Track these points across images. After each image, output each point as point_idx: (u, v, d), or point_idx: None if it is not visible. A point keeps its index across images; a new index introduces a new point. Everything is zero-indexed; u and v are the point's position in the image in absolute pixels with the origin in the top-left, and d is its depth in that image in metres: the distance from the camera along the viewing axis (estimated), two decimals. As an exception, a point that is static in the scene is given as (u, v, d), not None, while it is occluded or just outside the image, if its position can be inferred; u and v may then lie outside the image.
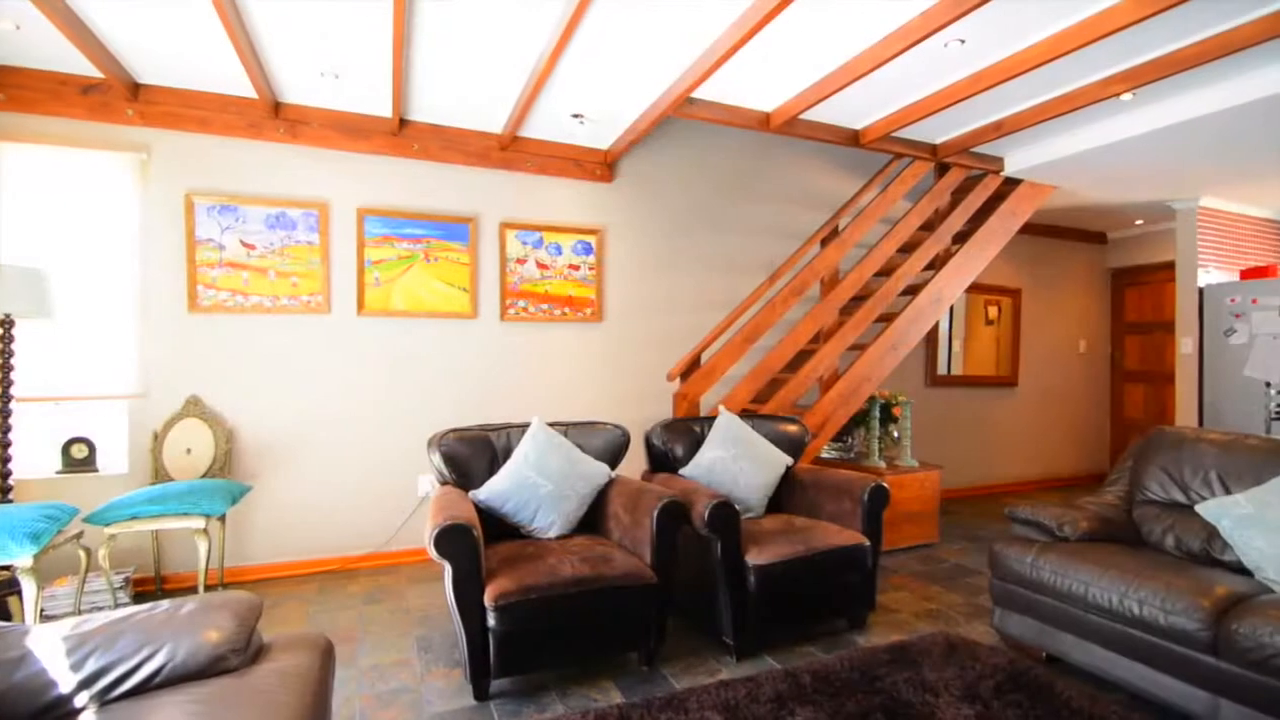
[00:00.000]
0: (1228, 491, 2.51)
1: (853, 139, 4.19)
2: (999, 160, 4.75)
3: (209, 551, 2.91)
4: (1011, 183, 4.88)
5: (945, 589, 3.48)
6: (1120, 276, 6.91)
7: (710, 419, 3.34)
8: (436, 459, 2.81)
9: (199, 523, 2.86)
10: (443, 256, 3.97)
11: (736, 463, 3.10)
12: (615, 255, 4.42)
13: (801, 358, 4.37)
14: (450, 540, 2.19)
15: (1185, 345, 5.50)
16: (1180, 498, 2.66)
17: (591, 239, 4.32)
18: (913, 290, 4.56)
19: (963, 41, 3.03)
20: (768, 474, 3.16)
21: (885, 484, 2.95)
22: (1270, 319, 5.09)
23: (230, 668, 1.38)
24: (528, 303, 4.17)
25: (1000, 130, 4.03)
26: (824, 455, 4.56)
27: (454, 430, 2.88)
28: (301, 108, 3.67)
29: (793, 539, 2.70)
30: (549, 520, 2.72)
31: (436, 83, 3.40)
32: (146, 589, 3.36)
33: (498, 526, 2.74)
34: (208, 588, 3.00)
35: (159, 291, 3.44)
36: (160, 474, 3.34)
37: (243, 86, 3.41)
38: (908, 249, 4.72)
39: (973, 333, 5.99)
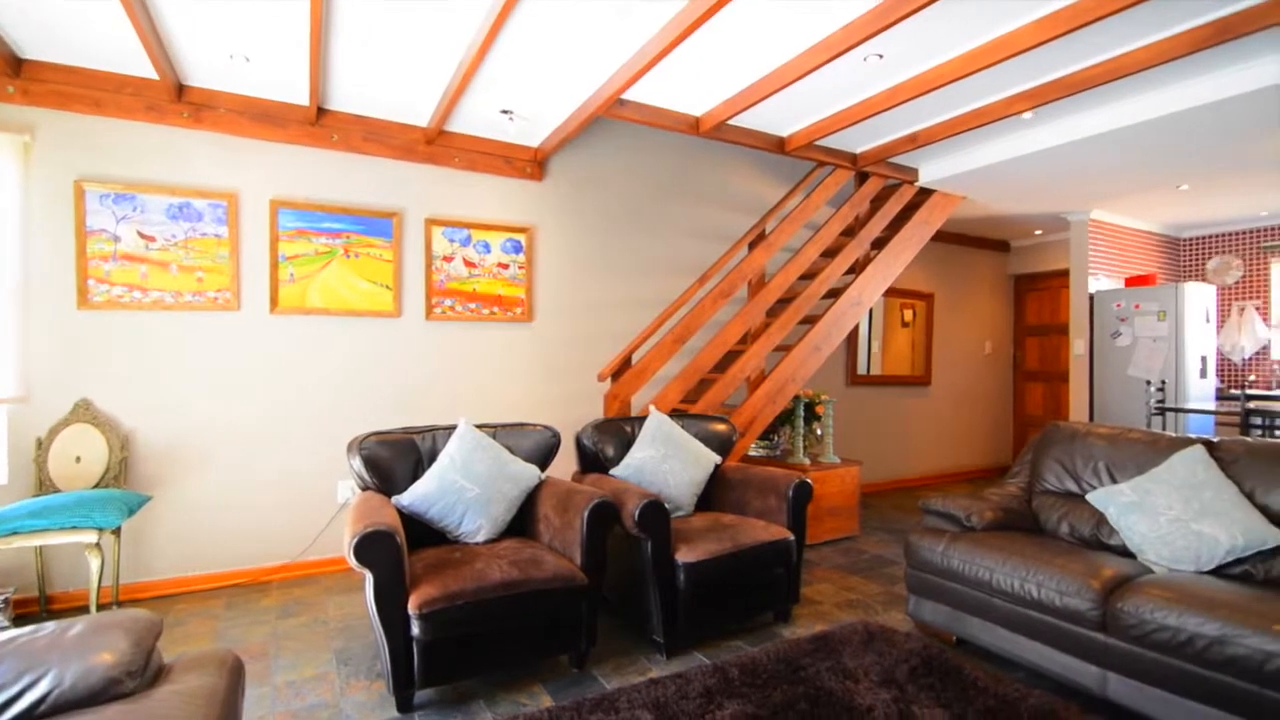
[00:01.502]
0: (1114, 481, 2.73)
1: (778, 146, 4.31)
2: (914, 171, 5.00)
3: (102, 568, 2.68)
4: (925, 192, 5.15)
5: (865, 579, 3.63)
6: (1021, 282, 7.41)
7: (641, 419, 3.35)
8: (357, 463, 2.70)
9: (90, 537, 2.63)
10: (364, 252, 3.82)
11: (666, 462, 3.12)
12: (546, 254, 4.37)
13: (730, 358, 4.45)
14: (371, 547, 2.11)
15: (1078, 347, 5.95)
16: (1073, 487, 2.88)
17: (521, 237, 4.26)
18: (835, 293, 4.73)
19: (881, 56, 3.17)
20: (697, 473, 3.20)
21: (809, 480, 3.05)
22: (1150, 323, 5.59)
23: (126, 692, 1.28)
24: (455, 301, 4.07)
25: (915, 142, 4.24)
26: (752, 453, 4.67)
27: (376, 433, 2.78)
28: (208, 91, 3.44)
29: (721, 536, 2.75)
30: (476, 524, 2.66)
31: (358, 71, 3.27)
32: (29, 611, 3.08)
33: (423, 532, 2.66)
34: (100, 607, 2.77)
35: (44, 286, 3.15)
36: (45, 485, 3.06)
37: (142, 66, 3.17)
38: (830, 253, 4.90)
39: (890, 334, 6.28)
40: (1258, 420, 4.40)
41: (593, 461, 3.22)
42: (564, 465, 3.80)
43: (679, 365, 4.54)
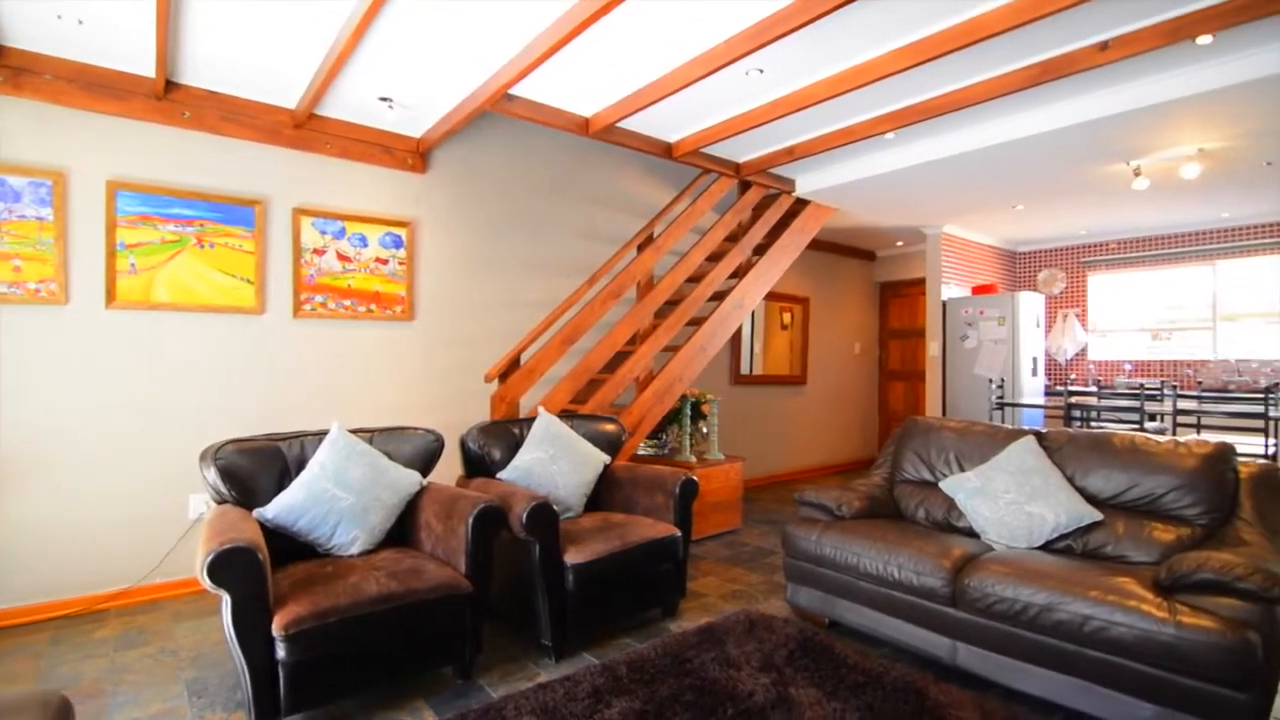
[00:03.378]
0: (962, 469, 3.02)
1: (666, 151, 4.40)
2: (792, 182, 5.29)
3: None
4: (802, 203, 5.46)
5: (747, 570, 3.78)
6: (886, 289, 8.04)
7: (530, 420, 3.30)
8: (212, 475, 2.46)
9: None
10: (221, 243, 3.49)
11: (555, 463, 3.10)
12: (429, 250, 4.20)
13: (619, 358, 4.49)
14: (228, 566, 1.92)
15: (933, 348, 6.55)
16: (929, 476, 3.15)
17: (402, 232, 4.07)
18: (719, 296, 4.90)
19: (761, 71, 3.33)
20: (587, 473, 3.20)
21: (695, 477, 3.14)
22: (992, 328, 6.24)
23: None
24: (328, 298, 3.81)
25: (793, 155, 4.48)
26: (640, 452, 4.73)
27: (234, 441, 2.54)
28: (32, 55, 3.01)
29: (610, 535, 2.76)
30: (351, 535, 2.50)
31: (215, 43, 2.98)
32: None
33: (290, 546, 2.46)
34: (-122, 653, 2.34)
35: None
36: None
37: (-64, 18, 2.72)
38: (715, 258, 5.07)
39: (770, 336, 6.60)
40: (1077, 413, 5.04)
41: (479, 465, 3.13)
42: (449, 470, 3.66)
43: (568, 366, 4.51)
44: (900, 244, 7.43)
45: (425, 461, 2.89)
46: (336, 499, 2.48)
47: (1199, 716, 1.87)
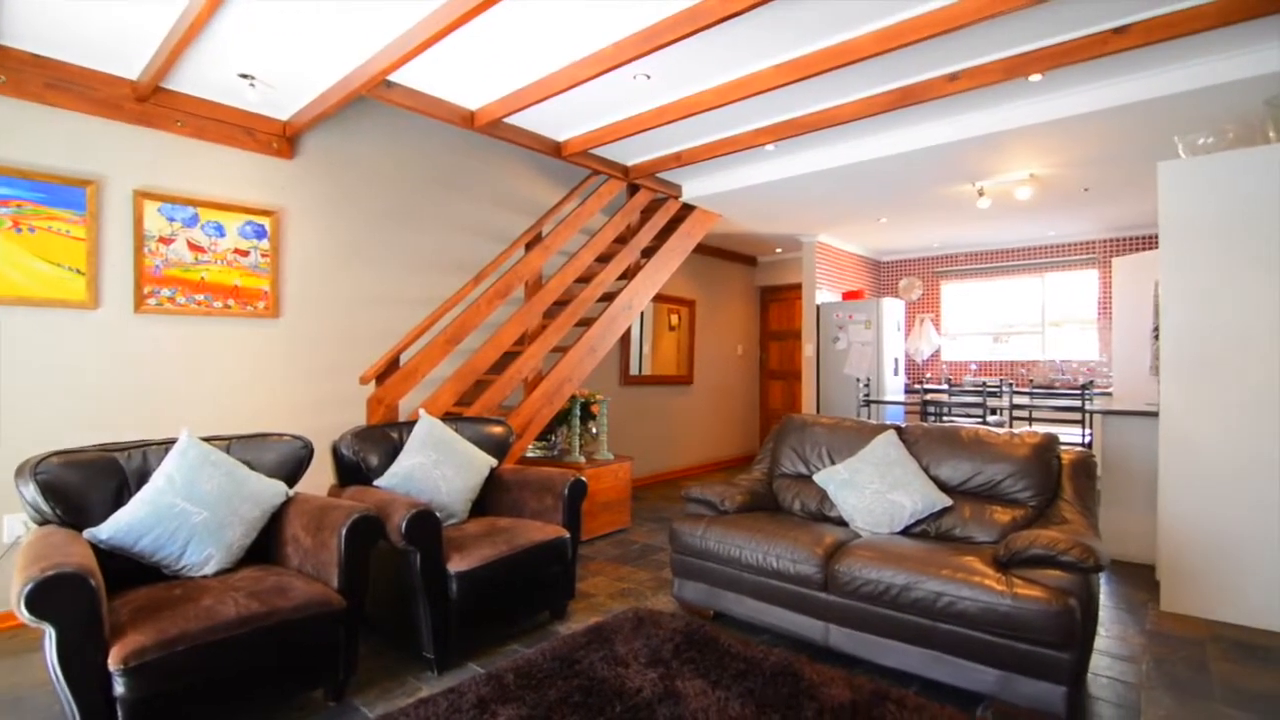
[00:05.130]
0: (834, 463, 3.22)
1: (555, 150, 4.36)
2: (679, 187, 5.42)
3: None
4: (688, 208, 5.61)
5: (636, 568, 3.83)
6: (766, 293, 8.44)
7: (410, 424, 3.16)
8: (31, 491, 2.14)
9: None
10: (44, 227, 3.05)
11: (438, 468, 2.98)
12: (297, 242, 3.90)
13: (507, 359, 4.40)
14: (51, 595, 1.68)
15: (808, 350, 6.95)
16: (804, 470, 3.34)
17: (265, 221, 3.75)
18: (609, 297, 4.92)
19: (649, 76, 3.38)
20: (472, 477, 3.10)
21: (584, 478, 3.13)
22: (860, 331, 6.72)
23: None
24: (177, 291, 3.44)
25: (680, 161, 4.59)
26: (529, 454, 4.66)
27: (58, 453, 2.23)
28: None
29: (496, 540, 2.70)
30: (204, 554, 2.27)
31: (43, 0, 2.60)
32: None
33: (131, 569, 2.20)
34: None
35: None
36: None
37: None
38: (604, 259, 5.09)
39: (658, 337, 6.73)
40: (931, 409, 5.53)
41: (353, 473, 2.95)
42: (320, 479, 3.41)
43: (452, 366, 4.35)
44: (779, 251, 7.82)
45: (292, 470, 2.68)
46: (187, 515, 2.24)
47: (1031, 676, 2.11)
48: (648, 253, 5.30)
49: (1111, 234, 6.54)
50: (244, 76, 3.25)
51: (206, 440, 2.49)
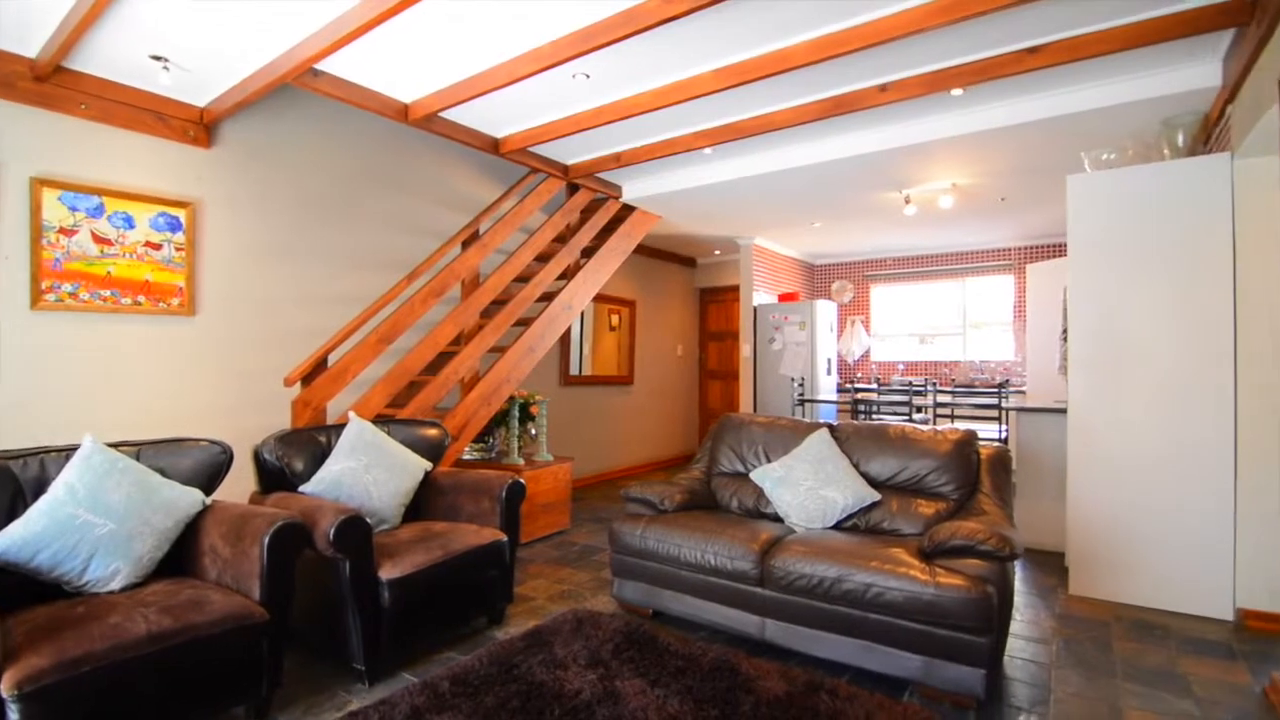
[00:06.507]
0: (769, 460, 3.29)
1: (493, 146, 4.29)
2: (619, 187, 5.42)
3: None
4: (629, 208, 5.62)
5: (575, 570, 3.81)
6: (705, 294, 8.56)
7: (339, 427, 3.04)
8: (-94, 505, 1.95)
9: None
10: (-77, 215, 2.78)
11: (369, 472, 2.88)
12: (215, 236, 3.68)
13: (442, 359, 4.30)
14: (-70, 618, 1.54)
15: (745, 350, 7.08)
16: (741, 468, 3.40)
17: (180, 213, 3.53)
18: (548, 297, 4.88)
19: (588, 76, 3.37)
20: (405, 481, 3.01)
21: (522, 480, 3.09)
22: (795, 332, 6.90)
23: None
24: (80, 286, 3.20)
25: (619, 162, 4.60)
26: (466, 457, 4.57)
27: (-59, 461, 2.04)
28: None
29: (430, 546, 2.63)
30: (110, 569, 2.12)
31: (-91, -36, 2.37)
32: None
33: (28, 587, 2.03)
34: None
35: None
36: None
37: None
38: (544, 258, 5.04)
39: (599, 337, 6.71)
40: (862, 407, 5.73)
41: (277, 479, 2.82)
42: (242, 487, 3.23)
43: (384, 367, 4.21)
44: (718, 253, 7.94)
45: (210, 477, 2.53)
46: (90, 526, 2.09)
47: (953, 661, 2.22)
48: (588, 252, 5.28)
49: (1026, 242, 6.95)
50: (156, 58, 3.05)
51: (114, 446, 2.32)
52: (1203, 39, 2.92)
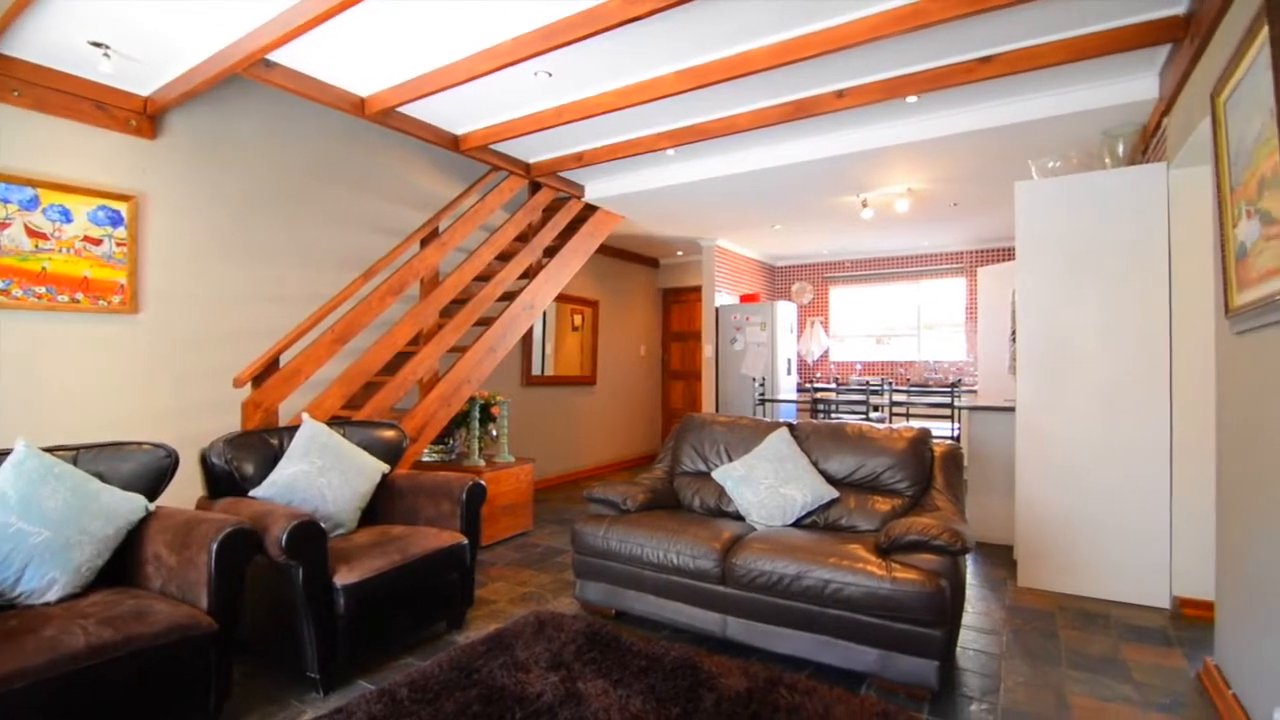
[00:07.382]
0: (731, 459, 3.32)
1: (453, 143, 4.23)
2: (582, 187, 5.40)
3: None
4: (591, 208, 5.60)
5: (537, 572, 3.77)
6: (668, 295, 8.59)
7: (292, 429, 2.95)
8: None
9: None
10: None
11: (323, 475, 2.80)
12: (160, 231, 3.53)
13: (401, 359, 4.21)
14: None
15: (707, 350, 7.13)
16: (703, 467, 3.42)
17: (122, 207, 3.38)
18: (509, 297, 4.83)
19: (550, 74, 3.35)
20: (361, 484, 2.94)
21: (483, 481, 3.05)
22: (756, 332, 6.97)
23: None
24: (12, 283, 3.03)
25: (581, 161, 4.58)
26: (425, 458, 4.49)
27: None
28: None
29: (388, 550, 2.57)
30: (45, 579, 2.01)
31: None
32: None
33: (-52, 600, 1.91)
34: None
35: None
36: None
37: None
38: (505, 257, 4.99)
39: (561, 338, 6.68)
40: (821, 406, 5.83)
41: (226, 483, 2.72)
42: (188, 492, 3.11)
43: (340, 367, 4.10)
44: (680, 254, 7.98)
45: (153, 482, 2.43)
46: (23, 535, 1.98)
47: (908, 653, 2.27)
48: (550, 252, 5.24)
49: (977, 246, 7.17)
50: (96, 45, 2.92)
51: (49, 450, 2.21)
52: (1141, 53, 3.06)
